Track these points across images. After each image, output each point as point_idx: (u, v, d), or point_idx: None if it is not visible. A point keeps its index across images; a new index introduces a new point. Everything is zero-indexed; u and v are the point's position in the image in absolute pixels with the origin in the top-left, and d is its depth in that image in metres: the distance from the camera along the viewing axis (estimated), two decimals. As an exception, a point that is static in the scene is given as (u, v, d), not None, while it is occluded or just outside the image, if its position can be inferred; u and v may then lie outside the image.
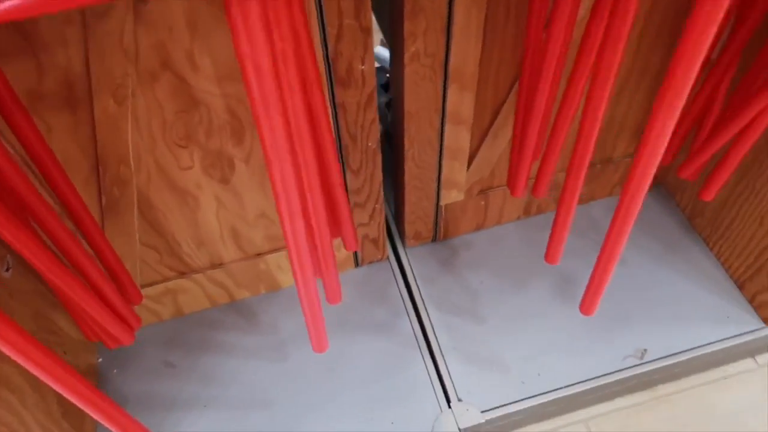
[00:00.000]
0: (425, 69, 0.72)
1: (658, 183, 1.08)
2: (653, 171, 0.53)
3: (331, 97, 0.69)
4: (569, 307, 0.95)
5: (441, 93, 0.75)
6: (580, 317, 0.93)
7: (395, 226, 1.04)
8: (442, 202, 0.94)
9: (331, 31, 0.62)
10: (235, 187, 0.77)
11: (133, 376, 0.91)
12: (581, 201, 1.06)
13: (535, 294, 0.96)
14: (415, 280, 0.98)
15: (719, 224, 0.96)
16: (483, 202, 0.97)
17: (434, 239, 1.02)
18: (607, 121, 0.91)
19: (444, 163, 0.86)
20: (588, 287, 0.69)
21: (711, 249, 0.99)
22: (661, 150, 0.50)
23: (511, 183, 0.80)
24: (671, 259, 0.99)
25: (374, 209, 0.89)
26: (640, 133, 0.90)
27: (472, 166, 0.89)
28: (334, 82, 0.68)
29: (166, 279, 0.88)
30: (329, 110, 0.67)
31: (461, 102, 0.77)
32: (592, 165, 0.97)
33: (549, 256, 0.74)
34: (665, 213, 1.05)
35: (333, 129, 0.73)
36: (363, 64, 0.67)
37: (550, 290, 0.97)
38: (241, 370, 0.90)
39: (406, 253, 1.01)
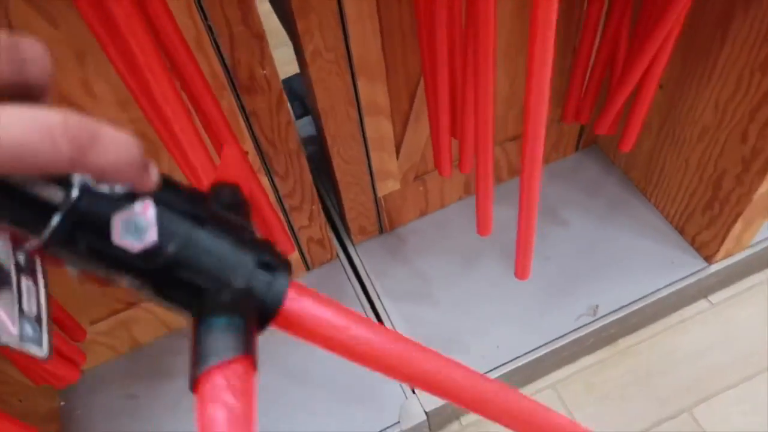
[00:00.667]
0: (329, 64, 0.72)
1: (594, 143, 1.10)
2: (542, 132, 0.54)
3: (240, 105, 0.70)
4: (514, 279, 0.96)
5: (351, 86, 0.76)
6: (531, 287, 0.94)
7: (341, 224, 1.04)
8: (380, 194, 0.95)
9: (223, 40, 0.63)
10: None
11: (97, 414, 0.90)
12: (517, 172, 1.08)
13: (485, 270, 0.97)
14: (368, 275, 0.99)
15: (651, 174, 0.98)
16: (421, 188, 0.98)
17: (381, 231, 1.03)
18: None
19: (372, 154, 0.87)
20: (517, 253, 0.70)
21: (649, 200, 1.01)
22: (542, 106, 0.51)
23: (437, 163, 0.81)
24: (613, 216, 1.01)
25: (312, 211, 0.89)
26: (563, 99, 0.92)
27: (401, 154, 0.90)
28: (239, 91, 0.68)
29: (116, 312, 0.88)
30: (226, 116, 0.68)
31: (374, 91, 0.78)
32: (517, 138, 0.98)
33: (479, 228, 0.75)
34: (603, 172, 1.07)
35: (249, 136, 0.74)
36: (264, 69, 0.67)
37: (499, 264, 0.98)
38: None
39: (355, 250, 1.02)
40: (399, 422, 0.83)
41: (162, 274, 0.20)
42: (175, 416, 0.88)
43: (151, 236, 0.19)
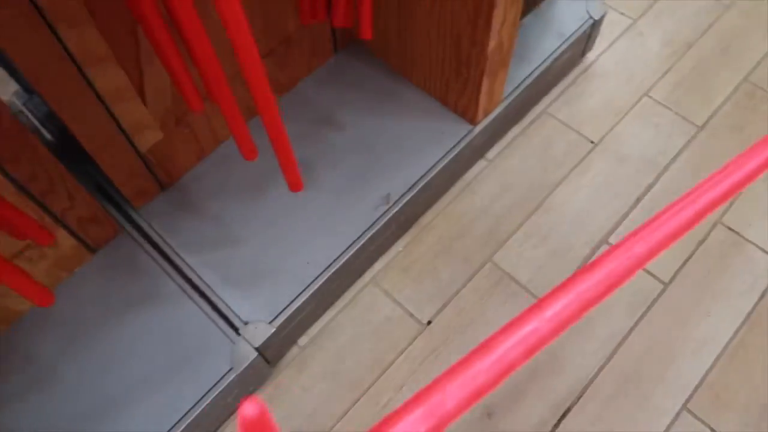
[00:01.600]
0: (14, 18, 0.62)
1: (351, 41, 1.10)
2: (253, 49, 0.52)
3: None
4: (313, 191, 0.96)
5: (54, 38, 0.67)
6: (325, 194, 0.95)
7: (115, 193, 0.95)
8: (143, 149, 0.87)
9: None
10: None
11: None
12: (289, 86, 1.06)
13: (276, 193, 0.96)
14: (161, 237, 0.93)
15: (405, 56, 1.01)
16: (187, 130, 0.93)
17: (162, 188, 0.96)
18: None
19: (114, 108, 0.79)
20: (282, 170, 0.69)
21: (411, 81, 1.05)
22: (242, 25, 0.49)
23: (185, 99, 0.76)
24: (384, 105, 1.04)
25: (69, 189, 0.80)
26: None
27: (147, 100, 0.83)
28: None
29: None
30: None
31: (83, 38, 0.69)
32: (271, 53, 0.95)
33: (244, 153, 0.72)
34: (366, 67, 1.08)
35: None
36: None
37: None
38: (16, 412, 0.81)
39: (140, 215, 0.95)
40: (232, 368, 0.82)
41: None
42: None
43: None
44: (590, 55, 1.22)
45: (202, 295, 0.88)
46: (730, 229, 1.04)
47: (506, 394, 0.92)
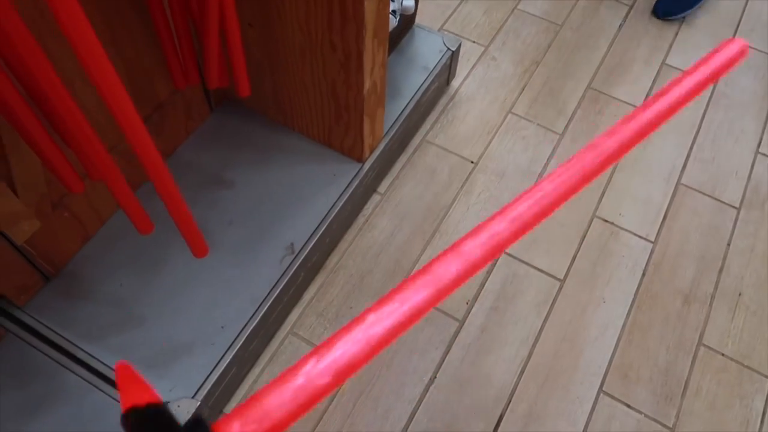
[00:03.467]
0: None
1: (226, 98, 1.10)
2: (135, 117, 0.51)
3: None
4: (215, 254, 0.94)
5: None
6: (226, 254, 0.93)
7: (-7, 296, 0.87)
8: (20, 241, 0.81)
9: None
10: None
11: None
12: (168, 153, 1.03)
13: (176, 264, 0.93)
14: (53, 331, 0.86)
15: (284, 107, 1.03)
16: (67, 214, 0.87)
17: (48, 279, 0.89)
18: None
19: (-19, 204, 0.73)
20: (185, 238, 0.67)
21: (294, 129, 1.07)
22: (120, 95, 0.48)
23: (62, 181, 0.72)
24: (270, 158, 1.04)
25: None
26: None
27: (19, 189, 0.77)
28: None
29: None
30: None
31: (-62, 135, 0.64)
32: (146, 120, 0.93)
33: (138, 228, 0.70)
34: (247, 122, 1.08)
35: None
36: None
37: (187, 251, 0.94)
38: None
39: (25, 312, 0.87)
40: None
41: None
42: None
43: None
44: (454, 83, 1.31)
45: (112, 383, 0.82)
46: (605, 221, 1.15)
47: (441, 418, 0.94)
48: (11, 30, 0.51)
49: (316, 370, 0.30)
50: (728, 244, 1.14)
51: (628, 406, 0.97)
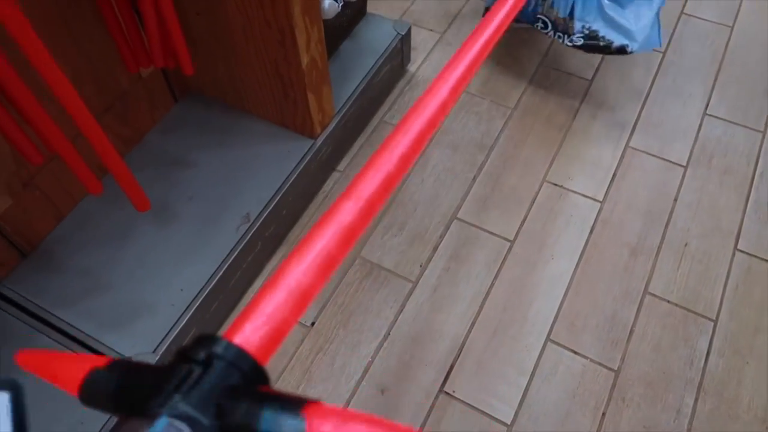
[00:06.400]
0: None
1: (188, 89, 1.19)
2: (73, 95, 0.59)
3: None
4: (175, 226, 1.01)
5: None
6: (187, 226, 1.00)
7: (-25, 271, 0.95)
8: (-7, 217, 0.89)
9: None
10: None
11: None
12: (136, 140, 1.11)
13: (140, 233, 1.00)
14: (32, 302, 0.94)
15: (238, 91, 1.11)
16: (38, 193, 0.95)
17: (24, 255, 0.98)
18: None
19: (-47, 179, 0.81)
20: (127, 194, 0.74)
21: (251, 112, 1.14)
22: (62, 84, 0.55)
23: (23, 154, 0.80)
24: (229, 139, 1.12)
25: None
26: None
27: (-12, 167, 0.86)
28: None
29: None
30: None
31: None
32: (110, 108, 1.01)
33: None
34: (209, 110, 1.16)
35: None
36: None
37: (152, 224, 1.01)
38: None
39: (6, 286, 0.95)
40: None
41: None
42: None
43: None
44: (411, 68, 1.39)
45: (82, 343, 0.90)
46: (554, 184, 1.20)
47: (394, 370, 0.99)
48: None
49: (300, 271, 0.35)
50: (675, 200, 1.18)
51: (575, 352, 1.01)
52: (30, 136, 0.79)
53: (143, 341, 0.89)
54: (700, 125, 1.28)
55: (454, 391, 0.97)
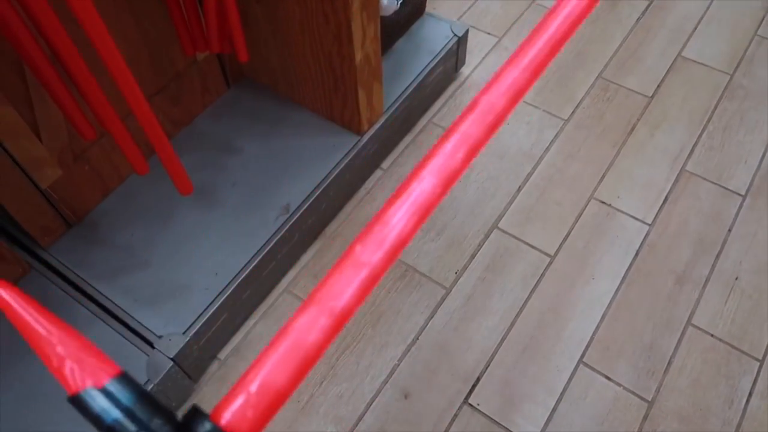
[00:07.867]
0: None
1: (243, 76, 1.20)
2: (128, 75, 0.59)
3: None
4: (215, 211, 1.02)
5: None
6: (228, 211, 1.01)
7: (22, 235, 0.98)
8: (43, 185, 0.92)
9: None
10: None
11: None
12: (185, 122, 1.13)
13: (181, 216, 1.01)
14: (71, 270, 0.96)
15: (290, 82, 1.11)
16: (87, 167, 0.98)
17: (69, 226, 1.00)
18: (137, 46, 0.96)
19: (8, 144, 0.83)
20: (171, 177, 0.75)
21: (300, 104, 1.14)
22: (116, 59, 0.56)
23: (77, 129, 0.82)
24: (278, 128, 1.12)
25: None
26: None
27: (43, 137, 0.88)
28: None
29: None
30: None
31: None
32: (163, 89, 1.03)
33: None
34: (258, 97, 1.17)
35: None
36: None
37: (194, 207, 1.02)
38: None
39: (49, 253, 0.98)
40: (149, 380, 0.85)
41: None
42: None
43: None
44: (464, 71, 1.36)
45: (115, 317, 0.91)
46: (602, 202, 1.17)
47: (419, 375, 0.98)
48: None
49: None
50: (729, 230, 1.13)
51: (608, 377, 0.98)
52: (85, 112, 0.80)
53: (175, 322, 0.90)
54: (764, 154, 1.22)
55: (478, 404, 0.95)
